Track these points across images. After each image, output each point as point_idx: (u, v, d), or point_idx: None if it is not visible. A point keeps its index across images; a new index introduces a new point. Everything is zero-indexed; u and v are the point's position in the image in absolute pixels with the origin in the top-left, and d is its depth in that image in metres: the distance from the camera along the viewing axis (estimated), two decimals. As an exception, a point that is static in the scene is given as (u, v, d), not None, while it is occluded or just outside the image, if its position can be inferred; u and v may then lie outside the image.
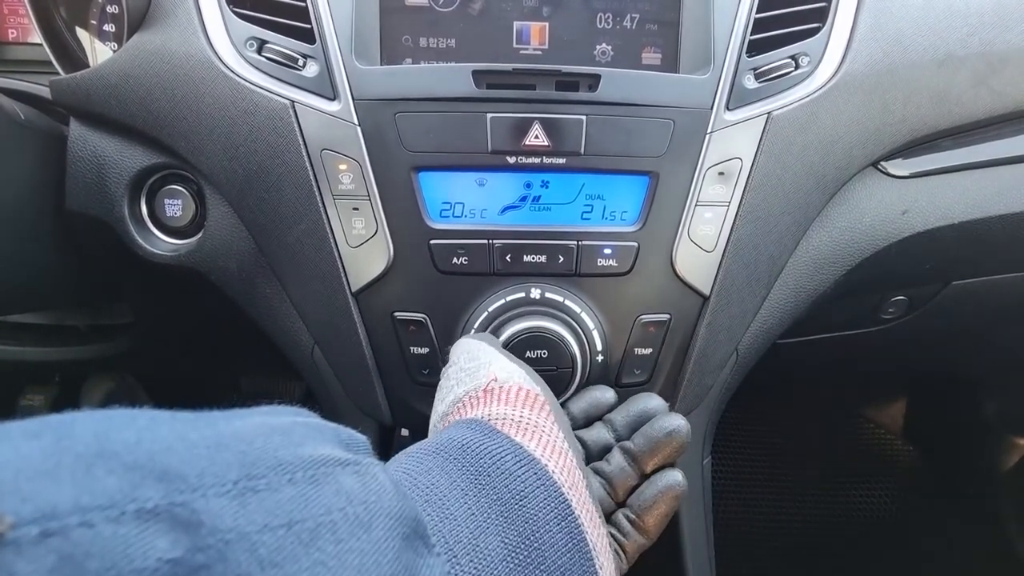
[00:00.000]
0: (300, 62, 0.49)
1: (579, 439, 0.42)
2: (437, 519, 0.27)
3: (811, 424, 1.31)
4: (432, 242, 0.50)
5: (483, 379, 0.37)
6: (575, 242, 0.50)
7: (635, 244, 0.50)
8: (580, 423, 0.45)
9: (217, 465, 0.20)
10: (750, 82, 0.51)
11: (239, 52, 0.50)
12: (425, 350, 0.51)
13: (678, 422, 0.41)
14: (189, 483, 0.19)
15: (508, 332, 0.49)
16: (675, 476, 0.40)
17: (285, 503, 0.20)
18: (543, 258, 0.50)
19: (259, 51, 0.50)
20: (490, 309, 0.50)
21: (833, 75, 0.52)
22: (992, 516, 1.13)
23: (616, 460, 0.41)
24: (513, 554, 0.27)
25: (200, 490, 0.19)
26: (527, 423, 0.34)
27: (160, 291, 0.66)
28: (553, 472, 0.31)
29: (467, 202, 0.50)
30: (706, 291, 0.52)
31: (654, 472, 0.41)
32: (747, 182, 0.51)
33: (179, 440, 0.20)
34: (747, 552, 1.18)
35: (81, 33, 0.56)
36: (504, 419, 0.34)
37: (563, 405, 0.44)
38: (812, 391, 1.28)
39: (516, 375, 0.38)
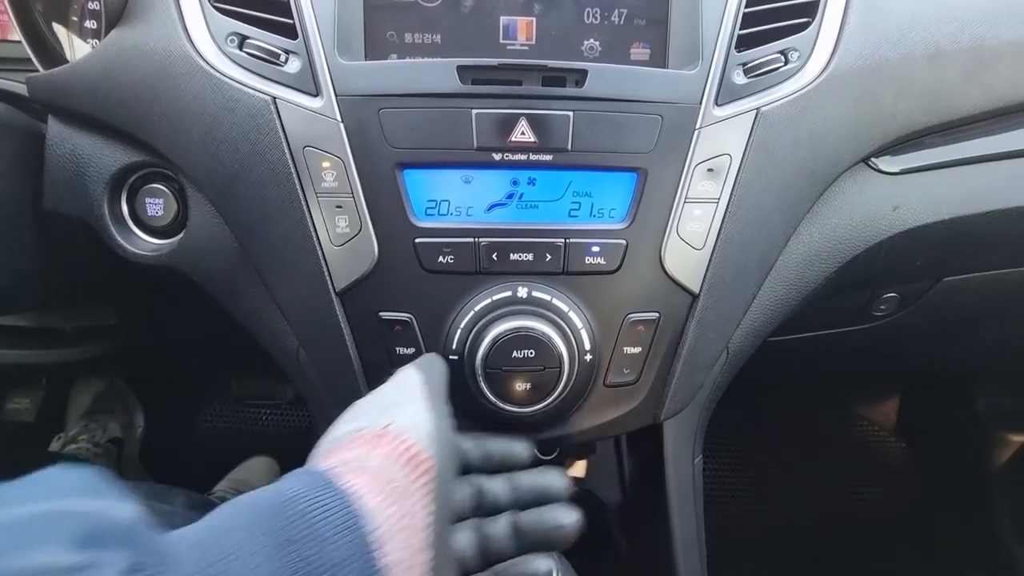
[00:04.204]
0: (282, 58, 0.48)
1: (478, 487, 0.41)
2: None
3: (802, 422, 1.31)
4: (417, 241, 0.49)
5: (382, 422, 0.36)
6: (562, 240, 0.49)
7: (623, 242, 0.50)
8: (478, 467, 0.43)
9: None
10: (739, 78, 0.50)
11: (220, 48, 0.49)
12: (411, 350, 0.51)
13: (571, 519, 0.40)
14: None
15: (494, 332, 0.48)
16: (539, 566, 0.39)
17: None
18: (530, 256, 0.49)
19: (240, 47, 0.49)
20: (476, 308, 0.49)
21: (823, 70, 0.52)
22: (984, 512, 1.14)
23: (501, 528, 0.40)
24: None
25: None
26: (392, 485, 0.33)
27: (143, 292, 0.65)
28: (381, 545, 0.30)
29: (453, 200, 0.49)
30: (695, 289, 0.52)
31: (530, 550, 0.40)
32: (736, 178, 0.50)
33: None
34: (738, 551, 1.18)
35: (60, 29, 0.55)
36: (366, 471, 0.33)
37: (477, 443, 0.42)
38: (803, 389, 1.28)
39: (420, 430, 0.36)
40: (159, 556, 0.25)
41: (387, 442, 0.35)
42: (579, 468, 0.81)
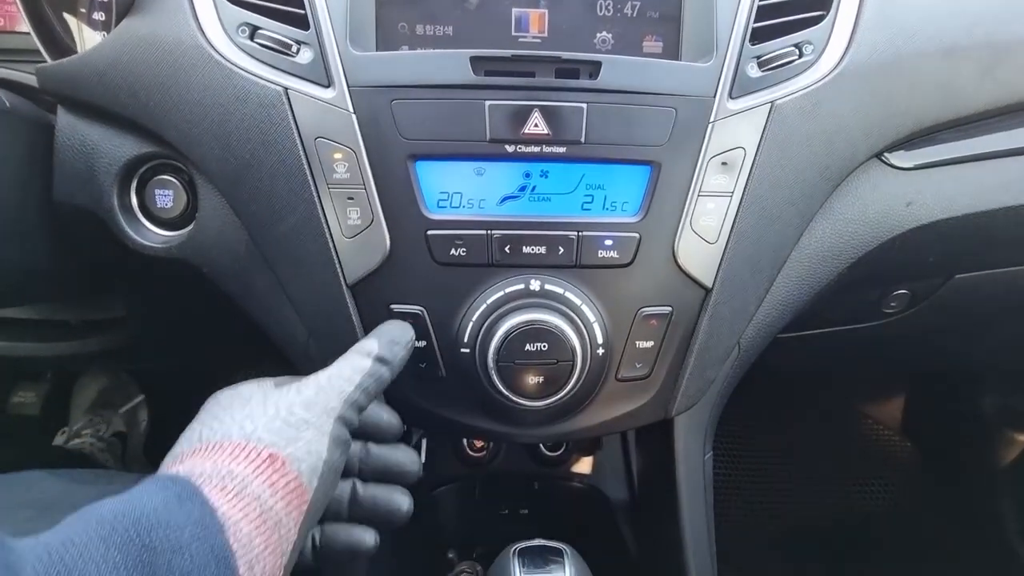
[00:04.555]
0: (293, 48, 0.48)
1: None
2: None
3: (808, 420, 1.31)
4: (429, 233, 0.49)
5: (281, 442, 0.37)
6: (575, 233, 0.49)
7: (636, 235, 0.49)
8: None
9: None
10: (753, 70, 0.50)
11: (231, 38, 0.48)
12: (422, 343, 0.50)
13: (406, 505, 0.45)
14: None
15: (507, 325, 0.48)
16: (367, 538, 0.43)
17: None
18: (543, 249, 0.49)
19: (251, 37, 0.48)
20: (489, 301, 0.49)
21: (837, 64, 0.51)
22: (991, 512, 1.13)
23: (342, 491, 0.44)
24: None
25: None
26: (235, 481, 0.34)
27: (151, 284, 0.65)
28: (235, 534, 0.32)
29: (465, 192, 0.49)
30: (708, 283, 0.51)
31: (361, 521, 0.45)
32: (750, 172, 0.50)
33: None
34: (748, 547, 1.18)
35: (69, 20, 0.54)
36: (208, 475, 0.34)
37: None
38: (812, 386, 1.27)
39: (310, 461, 0.37)
40: (9, 571, 0.25)
41: (276, 470, 0.35)
42: (586, 464, 0.81)
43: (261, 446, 0.36)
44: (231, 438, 0.36)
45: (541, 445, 0.79)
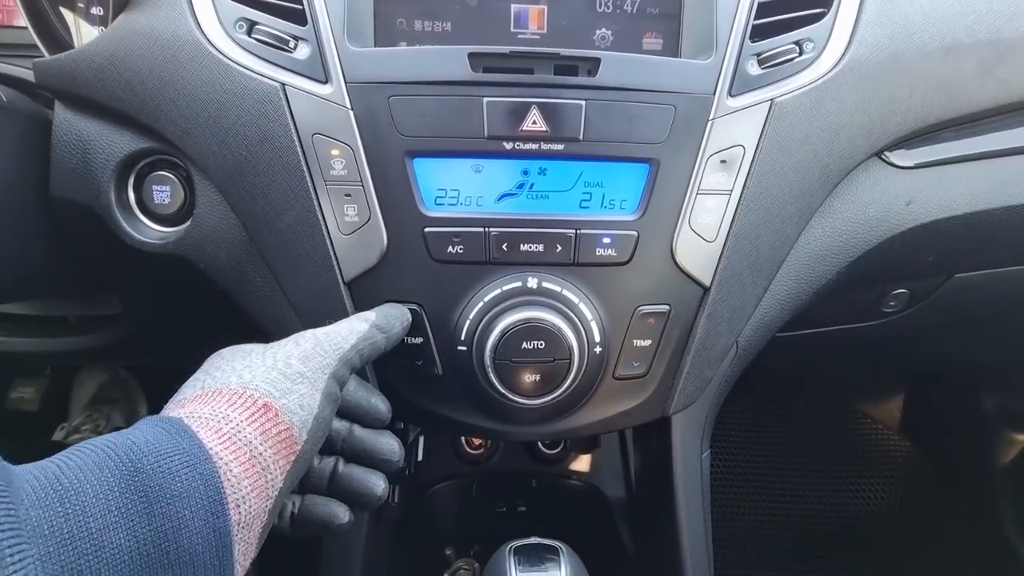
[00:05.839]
0: (291, 44, 0.48)
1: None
2: (70, 509, 0.28)
3: (807, 419, 1.31)
4: (427, 230, 0.48)
5: (276, 392, 0.38)
6: (573, 231, 0.49)
7: (635, 233, 0.49)
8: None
9: None
10: (753, 68, 0.50)
11: (228, 33, 0.48)
12: (419, 340, 0.50)
13: (380, 487, 0.45)
14: None
15: (504, 323, 0.48)
16: (340, 513, 0.44)
17: None
18: (540, 247, 0.49)
19: (249, 32, 0.48)
20: (486, 299, 0.49)
21: (838, 62, 0.51)
22: (988, 510, 1.13)
23: (324, 465, 0.45)
24: (140, 548, 0.29)
25: None
26: (230, 425, 0.35)
27: (149, 280, 0.65)
28: (225, 473, 0.33)
29: (463, 189, 0.49)
30: (706, 282, 0.51)
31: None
32: (749, 170, 0.50)
33: None
34: (745, 545, 1.18)
35: (67, 14, 0.54)
36: (205, 418, 0.35)
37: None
38: (810, 385, 1.27)
39: (302, 415, 0.38)
40: (5, 483, 0.26)
41: (269, 419, 0.36)
42: (584, 462, 0.81)
43: (257, 395, 0.37)
44: (230, 385, 0.37)
45: (539, 443, 0.79)
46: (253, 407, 0.36)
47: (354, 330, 0.43)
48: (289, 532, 0.43)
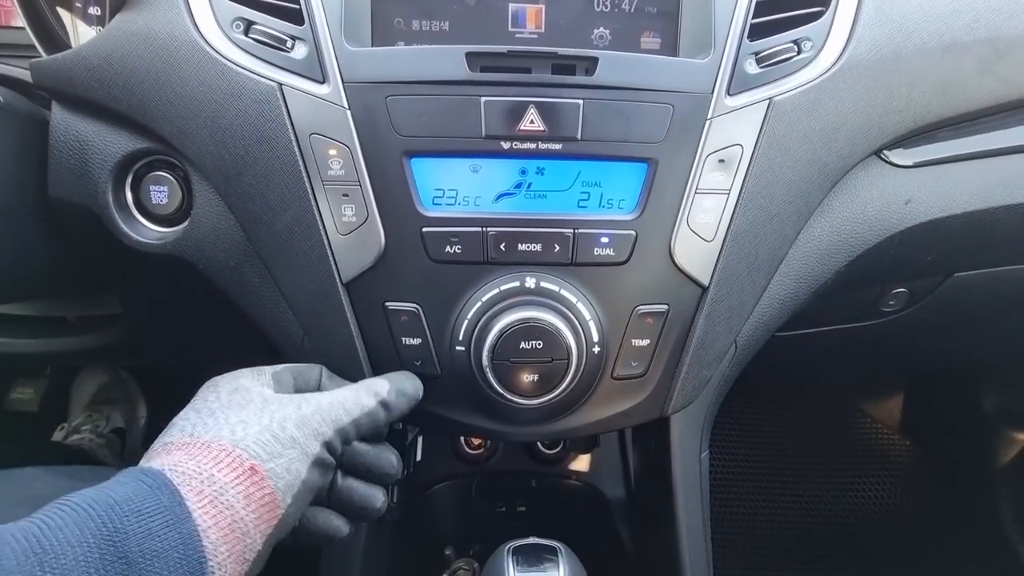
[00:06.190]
0: (288, 44, 0.48)
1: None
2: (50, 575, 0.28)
3: (806, 419, 1.30)
4: (424, 230, 0.48)
5: (264, 455, 0.38)
6: (571, 230, 0.49)
7: (633, 233, 0.49)
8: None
9: None
10: (751, 67, 0.50)
11: (225, 33, 0.48)
12: (417, 341, 0.50)
13: (380, 501, 0.47)
14: None
15: (502, 323, 0.47)
16: (340, 526, 0.45)
17: None
18: (538, 247, 0.49)
19: (246, 32, 0.48)
20: (484, 299, 0.49)
21: (836, 60, 0.51)
22: (988, 510, 1.13)
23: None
24: None
25: None
26: (214, 487, 0.35)
27: (147, 280, 0.65)
28: (205, 536, 0.33)
29: (460, 189, 0.49)
30: (705, 281, 0.51)
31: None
32: (748, 170, 0.50)
33: None
34: (744, 546, 1.18)
35: (64, 15, 0.54)
36: (189, 475, 0.35)
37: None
38: (809, 385, 1.27)
39: (288, 479, 0.38)
40: None
41: (254, 482, 0.36)
42: (583, 462, 0.81)
43: (245, 456, 0.37)
44: (220, 440, 0.37)
45: (538, 443, 0.79)
46: (239, 468, 0.36)
47: (360, 404, 0.44)
48: (290, 543, 0.43)
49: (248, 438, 0.38)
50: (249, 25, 0.48)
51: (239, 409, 0.40)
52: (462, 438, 0.79)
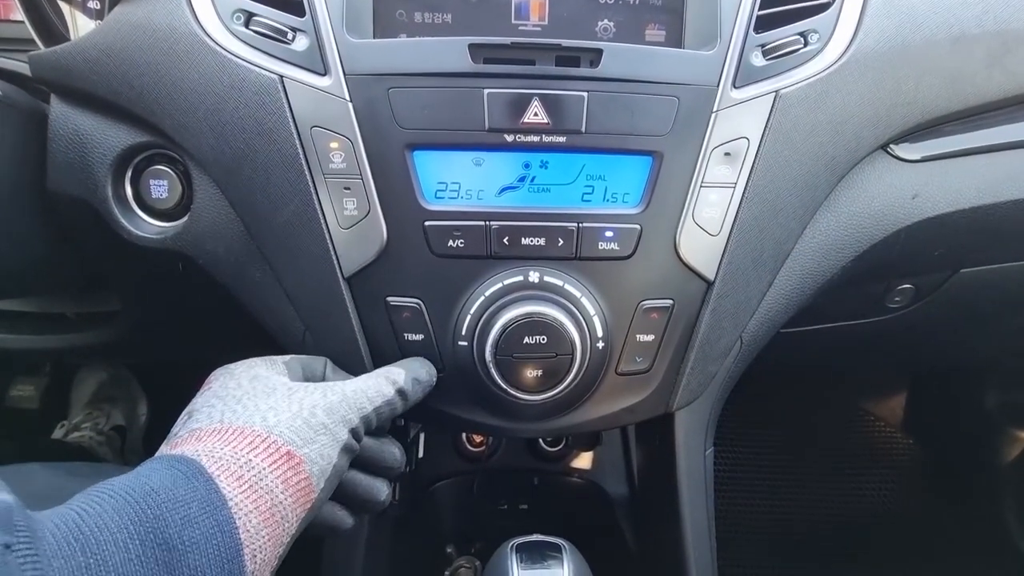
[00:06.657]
0: (289, 35, 0.47)
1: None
2: (92, 560, 0.28)
3: (810, 417, 1.30)
4: (427, 224, 0.48)
5: (298, 441, 0.38)
6: (575, 224, 0.48)
7: (637, 227, 0.49)
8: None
9: None
10: (758, 59, 0.49)
11: (225, 25, 0.48)
12: (420, 336, 0.50)
13: (384, 493, 0.47)
14: None
15: (505, 318, 0.47)
16: (344, 519, 0.46)
17: None
18: (542, 241, 0.48)
19: (246, 24, 0.48)
20: (487, 294, 0.48)
21: (843, 53, 0.50)
22: (992, 508, 1.13)
23: None
24: None
25: None
26: (252, 472, 0.35)
27: (147, 277, 0.64)
28: (244, 522, 0.33)
29: (463, 182, 0.48)
30: (710, 276, 0.51)
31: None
32: (754, 163, 0.49)
33: None
34: (748, 542, 1.17)
35: (63, 6, 0.54)
36: (226, 461, 0.35)
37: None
38: (814, 382, 1.27)
39: (322, 464, 0.39)
40: (30, 533, 0.26)
41: (291, 467, 0.37)
42: (586, 460, 0.80)
43: (281, 441, 0.37)
44: (253, 426, 0.37)
45: (541, 440, 0.79)
46: (276, 454, 0.37)
47: (380, 393, 0.44)
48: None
49: (281, 424, 0.38)
50: (250, 17, 0.48)
51: (265, 396, 0.40)
52: (464, 435, 0.79)
